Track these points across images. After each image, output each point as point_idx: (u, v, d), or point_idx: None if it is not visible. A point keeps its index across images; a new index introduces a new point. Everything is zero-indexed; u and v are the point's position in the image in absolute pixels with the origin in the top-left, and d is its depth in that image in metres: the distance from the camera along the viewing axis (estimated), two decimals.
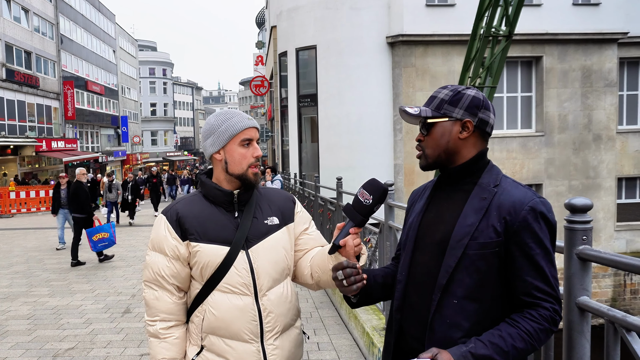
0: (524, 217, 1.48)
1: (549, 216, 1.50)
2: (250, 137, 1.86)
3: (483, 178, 1.59)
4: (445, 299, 1.54)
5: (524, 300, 1.50)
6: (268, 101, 30.48)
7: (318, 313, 6.13)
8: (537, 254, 1.48)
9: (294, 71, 16.84)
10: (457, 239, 1.53)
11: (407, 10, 15.25)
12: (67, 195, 10.73)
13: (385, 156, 15.60)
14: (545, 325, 1.47)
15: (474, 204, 1.55)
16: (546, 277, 1.48)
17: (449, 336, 1.53)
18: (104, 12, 45.33)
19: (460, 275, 1.53)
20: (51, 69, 32.59)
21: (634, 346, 1.58)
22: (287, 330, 1.91)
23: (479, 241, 1.51)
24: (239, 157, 1.85)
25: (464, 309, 1.52)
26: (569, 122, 15.99)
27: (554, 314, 1.49)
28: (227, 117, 1.87)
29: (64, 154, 31.17)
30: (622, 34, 15.70)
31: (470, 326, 1.52)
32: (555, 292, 1.50)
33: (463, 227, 1.53)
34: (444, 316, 1.54)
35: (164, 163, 66.35)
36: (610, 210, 16.21)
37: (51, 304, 7.00)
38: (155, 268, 1.86)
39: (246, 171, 1.85)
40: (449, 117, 1.60)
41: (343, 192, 7.32)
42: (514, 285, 1.51)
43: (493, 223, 1.50)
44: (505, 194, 1.53)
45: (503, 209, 1.50)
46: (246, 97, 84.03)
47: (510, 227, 1.48)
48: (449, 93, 1.62)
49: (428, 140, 1.63)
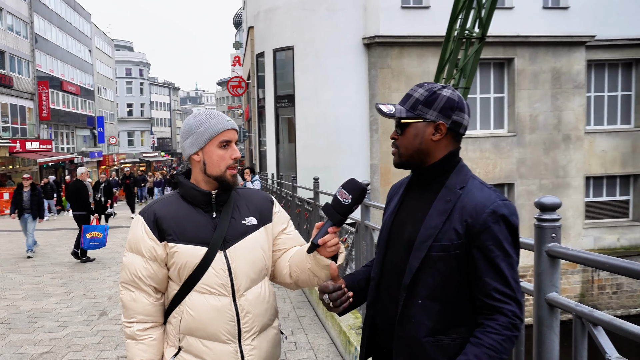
0: (484, 220, 1.49)
1: (510, 219, 1.51)
2: (229, 139, 1.85)
3: (450, 179, 1.60)
4: (410, 298, 1.58)
5: (483, 301, 1.51)
6: (245, 102, 30.48)
7: (295, 313, 6.14)
8: (496, 257, 1.49)
9: (272, 72, 16.93)
10: (421, 240, 1.56)
11: (382, 12, 15.46)
12: (29, 198, 10.87)
13: (362, 156, 15.78)
14: (506, 334, 1.48)
15: (439, 206, 1.57)
16: (506, 279, 1.50)
17: (414, 335, 1.56)
18: (79, 11, 44.76)
19: (424, 276, 1.55)
20: (25, 69, 32.11)
21: (600, 340, 1.62)
22: (264, 330, 1.92)
23: (441, 243, 1.53)
24: (218, 158, 1.84)
25: (428, 309, 1.55)
26: (540, 122, 16.39)
27: (514, 319, 1.49)
28: (206, 118, 1.86)
29: (39, 155, 30.72)
30: (589, 37, 16.16)
31: (434, 325, 1.55)
32: (514, 294, 1.50)
33: (427, 229, 1.56)
34: (409, 315, 1.58)
35: (140, 164, 65.69)
36: (578, 209, 16.62)
37: (25, 307, 6.87)
38: (133, 269, 1.84)
39: (224, 172, 1.84)
40: (423, 119, 1.60)
41: (320, 192, 7.32)
42: (475, 286, 1.53)
43: (455, 225, 1.52)
44: (469, 197, 1.54)
45: (465, 211, 1.52)
46: (224, 97, 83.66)
47: (471, 229, 1.50)
48: (424, 93, 1.61)
49: (402, 139, 1.64)
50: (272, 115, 17.08)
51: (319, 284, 1.88)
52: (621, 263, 1.51)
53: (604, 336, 1.63)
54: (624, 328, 1.50)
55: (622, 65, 17.23)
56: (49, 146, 33.81)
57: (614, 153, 16.93)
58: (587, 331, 1.68)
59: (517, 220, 1.54)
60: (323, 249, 1.77)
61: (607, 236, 16.92)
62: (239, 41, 38.71)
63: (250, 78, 23.11)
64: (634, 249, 16.64)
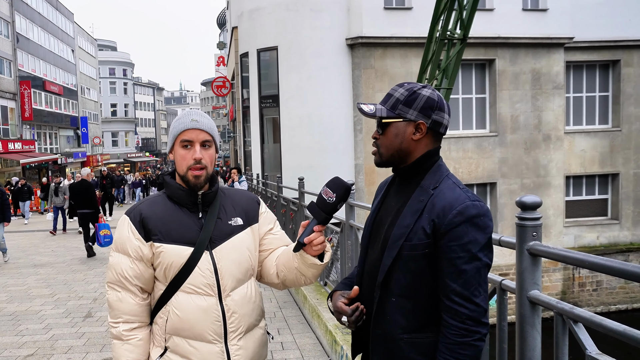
0: (450, 221, 1.49)
1: (478, 220, 1.50)
2: (190, 139, 1.83)
3: (425, 179, 1.61)
4: (384, 296, 1.60)
5: (444, 302, 1.51)
6: (230, 102, 30.41)
7: (282, 312, 6.18)
8: (459, 258, 1.48)
9: (256, 72, 16.93)
10: (394, 240, 1.58)
11: (366, 12, 15.54)
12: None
13: (346, 156, 15.85)
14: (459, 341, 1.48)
15: (413, 206, 1.58)
16: (467, 282, 1.48)
17: (389, 332, 1.59)
18: (61, 10, 44.28)
19: (397, 274, 1.57)
20: (7, 69, 31.71)
21: (580, 336, 1.65)
22: (251, 330, 1.92)
23: (412, 242, 1.54)
24: (180, 158, 1.85)
25: (401, 307, 1.57)
26: (521, 122, 16.59)
27: (468, 323, 1.48)
28: (176, 119, 1.89)
29: (21, 155, 30.37)
30: (568, 39, 16.40)
31: (407, 323, 1.57)
32: (472, 298, 1.48)
33: (400, 228, 1.58)
34: (384, 313, 1.60)
35: (125, 164, 65.16)
36: (559, 207, 16.85)
37: (9, 309, 6.82)
38: (119, 269, 1.84)
39: (186, 173, 1.83)
40: (403, 118, 1.61)
41: (305, 192, 7.38)
42: (438, 287, 1.53)
43: (423, 225, 1.53)
44: (439, 197, 1.55)
45: (434, 211, 1.53)
46: (208, 97, 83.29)
47: (438, 229, 1.51)
48: (404, 92, 1.62)
49: (383, 139, 1.65)
50: (257, 116, 17.08)
51: (305, 283, 1.93)
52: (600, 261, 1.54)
53: (584, 333, 1.66)
54: (603, 325, 1.53)
55: (600, 67, 17.51)
56: (32, 147, 33.42)
57: (593, 153, 17.21)
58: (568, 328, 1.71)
59: (487, 221, 1.52)
60: (309, 248, 1.78)
61: (587, 234, 17.19)
62: (223, 41, 38.59)
63: (234, 78, 23.07)
64: (613, 247, 16.92)
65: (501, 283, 2.20)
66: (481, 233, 1.50)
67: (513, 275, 2.04)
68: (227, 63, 30.90)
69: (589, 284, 16.30)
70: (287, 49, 15.78)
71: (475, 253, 1.49)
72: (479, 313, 1.49)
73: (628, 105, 17.21)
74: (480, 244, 1.49)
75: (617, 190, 17.37)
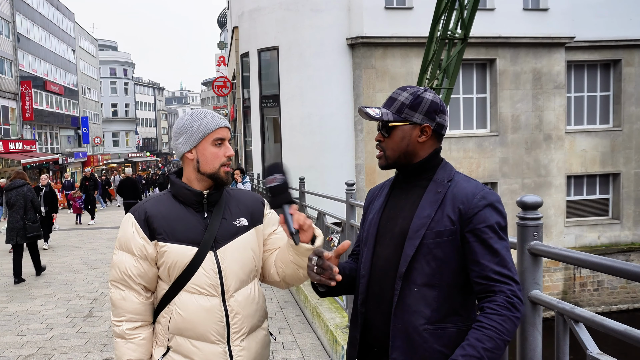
0: (476, 205, 1.56)
1: (498, 206, 1.58)
2: (223, 137, 1.87)
3: (437, 174, 1.67)
4: (406, 287, 1.60)
5: (481, 283, 1.54)
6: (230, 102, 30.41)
7: (282, 312, 6.19)
8: (490, 238, 1.54)
9: (256, 72, 16.93)
10: (415, 230, 1.60)
11: (366, 12, 15.54)
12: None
13: (347, 156, 15.86)
14: (505, 313, 1.49)
15: (430, 197, 1.63)
16: (503, 259, 1.53)
17: (412, 323, 1.58)
18: (62, 10, 44.31)
19: (419, 264, 1.58)
20: (8, 69, 31.74)
21: (581, 336, 1.65)
22: (253, 331, 1.92)
23: (435, 230, 1.58)
24: (211, 156, 1.85)
25: (425, 296, 1.58)
26: (521, 122, 16.59)
27: (512, 298, 1.51)
28: (200, 117, 1.87)
29: (22, 155, 30.40)
30: (568, 39, 16.39)
31: (431, 313, 1.57)
32: (512, 274, 1.53)
33: (420, 219, 1.61)
34: (406, 304, 1.59)
35: (126, 164, 65.20)
36: (560, 207, 16.85)
37: (10, 309, 6.82)
38: (122, 267, 1.84)
39: (218, 170, 1.85)
40: (409, 122, 1.67)
41: (306, 192, 7.38)
42: (471, 270, 1.56)
43: (448, 213, 1.58)
44: (458, 187, 1.62)
45: (457, 199, 1.59)
46: (209, 97, 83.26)
47: (464, 214, 1.56)
48: (409, 97, 1.67)
49: (388, 142, 1.69)
50: (258, 116, 17.09)
51: (304, 276, 1.90)
52: (601, 260, 1.55)
53: (585, 333, 1.66)
54: (604, 324, 1.53)
55: (601, 66, 17.50)
56: (33, 147, 33.46)
57: (594, 152, 17.20)
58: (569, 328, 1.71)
59: (504, 208, 1.61)
60: (303, 232, 1.76)
61: (588, 234, 17.17)
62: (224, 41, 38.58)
63: (235, 78, 23.07)
64: (614, 247, 16.91)
65: None
66: (501, 217, 1.58)
67: None
68: (228, 63, 30.91)
69: (590, 284, 16.29)
70: (288, 49, 15.78)
71: (501, 234, 1.56)
72: (519, 290, 1.54)
73: (629, 105, 17.20)
74: (502, 226, 1.57)
75: (618, 190, 17.36)
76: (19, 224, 8.49)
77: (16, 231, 8.48)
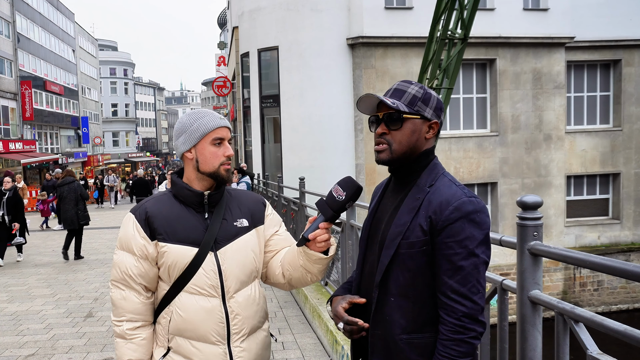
0: (446, 217, 1.47)
1: (475, 216, 1.48)
2: (222, 137, 1.86)
3: (421, 178, 1.60)
4: (382, 296, 1.58)
5: (440, 299, 1.50)
6: (230, 102, 30.42)
7: (282, 312, 6.19)
8: (456, 254, 1.47)
9: (256, 72, 16.93)
10: (391, 238, 1.56)
11: (366, 12, 15.54)
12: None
13: (347, 156, 15.85)
14: (456, 338, 1.46)
15: (409, 204, 1.57)
16: (465, 277, 1.46)
17: (389, 333, 1.57)
18: (62, 10, 44.30)
19: (394, 273, 1.55)
20: (8, 69, 31.73)
21: (581, 336, 1.65)
22: (254, 332, 1.91)
23: (409, 240, 1.53)
24: (211, 155, 1.84)
25: (401, 306, 1.55)
26: (521, 122, 16.58)
27: (462, 320, 1.46)
28: (199, 116, 1.87)
29: (22, 155, 30.39)
30: (568, 39, 16.39)
31: (407, 323, 1.55)
32: (469, 294, 1.47)
33: (397, 227, 1.56)
34: (383, 313, 1.58)
35: (126, 164, 65.28)
36: (560, 207, 16.84)
37: (10, 309, 6.84)
38: (123, 267, 1.84)
39: (218, 169, 1.85)
40: (421, 116, 1.60)
41: (306, 192, 7.38)
42: (435, 284, 1.52)
43: (420, 222, 1.52)
44: (435, 194, 1.53)
45: (430, 208, 1.51)
46: (209, 97, 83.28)
47: (435, 226, 1.49)
48: (420, 90, 1.61)
49: (396, 134, 1.60)
50: (258, 116, 17.10)
51: (312, 280, 1.92)
52: (601, 260, 1.54)
53: (585, 333, 1.66)
54: (604, 324, 1.53)
55: (601, 66, 17.50)
56: (33, 147, 33.46)
57: (594, 152, 17.20)
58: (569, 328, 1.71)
59: (484, 217, 1.50)
60: (313, 244, 1.78)
61: (588, 234, 17.17)
62: (224, 41, 38.58)
63: (235, 78, 23.07)
64: (614, 247, 16.91)
65: (502, 283, 2.20)
66: (478, 229, 1.48)
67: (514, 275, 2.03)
68: (228, 63, 30.91)
69: (590, 284, 16.29)
70: (288, 49, 15.79)
71: (472, 249, 1.47)
72: (476, 310, 1.47)
73: (629, 105, 17.20)
74: (477, 240, 1.48)
75: (618, 190, 17.36)
76: (72, 213, 10.26)
77: (70, 219, 10.24)
